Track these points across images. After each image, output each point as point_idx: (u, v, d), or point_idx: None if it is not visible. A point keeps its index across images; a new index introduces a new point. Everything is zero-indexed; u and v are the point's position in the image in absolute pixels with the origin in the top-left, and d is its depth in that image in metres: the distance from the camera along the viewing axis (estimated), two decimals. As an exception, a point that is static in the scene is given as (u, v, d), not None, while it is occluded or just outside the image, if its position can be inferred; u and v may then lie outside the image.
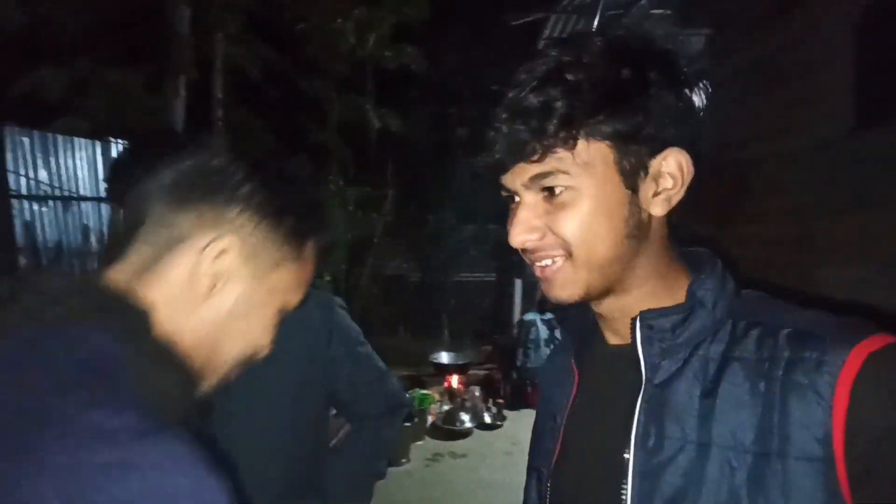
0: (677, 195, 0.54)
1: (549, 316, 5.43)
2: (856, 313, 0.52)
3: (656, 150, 0.53)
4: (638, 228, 0.54)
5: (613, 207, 0.53)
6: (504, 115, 0.52)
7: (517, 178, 0.54)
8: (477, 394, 4.81)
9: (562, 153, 0.52)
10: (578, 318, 0.65)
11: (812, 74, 2.82)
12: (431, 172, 7.50)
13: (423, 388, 4.97)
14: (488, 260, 8.09)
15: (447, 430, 4.46)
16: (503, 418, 4.77)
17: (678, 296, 0.56)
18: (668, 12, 4.02)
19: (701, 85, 0.55)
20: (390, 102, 5.51)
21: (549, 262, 0.57)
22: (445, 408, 4.70)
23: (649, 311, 0.55)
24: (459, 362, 5.60)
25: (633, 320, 0.56)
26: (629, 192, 0.53)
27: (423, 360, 5.72)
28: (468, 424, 4.53)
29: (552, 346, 5.13)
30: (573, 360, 0.65)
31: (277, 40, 4.74)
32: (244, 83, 4.71)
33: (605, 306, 0.59)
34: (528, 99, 0.51)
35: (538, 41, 4.84)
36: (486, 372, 5.71)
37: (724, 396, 0.51)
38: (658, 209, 0.54)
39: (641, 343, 0.55)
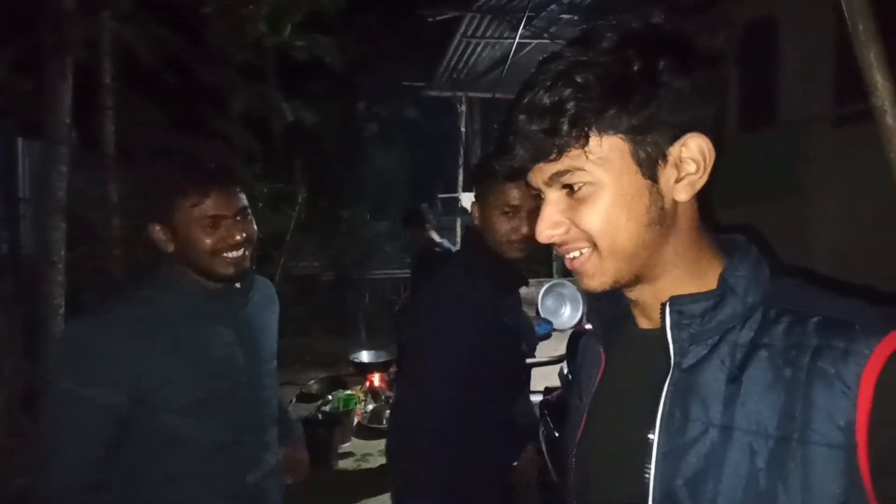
0: (701, 180, 0.55)
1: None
2: None
3: (674, 136, 0.54)
4: (661, 216, 0.55)
5: (633, 198, 0.54)
6: (520, 117, 0.54)
7: (538, 176, 0.57)
8: (401, 390, 4.79)
9: (577, 151, 0.53)
10: (610, 305, 0.66)
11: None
12: (343, 168, 7.31)
13: (345, 388, 4.85)
14: (403, 256, 8.07)
15: (374, 429, 4.39)
16: (428, 413, 4.80)
17: (710, 281, 0.56)
18: (576, 17, 4.25)
19: (715, 66, 0.54)
20: (299, 94, 5.28)
21: (576, 254, 0.58)
22: (370, 407, 4.63)
23: (680, 296, 0.55)
24: (381, 360, 5.52)
25: (663, 305, 0.56)
26: (649, 181, 0.54)
27: (341, 361, 5.57)
28: (394, 422, 4.51)
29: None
30: (601, 345, 0.66)
31: (176, 22, 4.34)
32: (138, 68, 4.26)
33: (637, 292, 0.60)
34: (541, 100, 0.53)
35: (454, 38, 4.89)
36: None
37: (750, 382, 0.52)
38: (682, 195, 0.55)
39: (671, 328, 0.55)
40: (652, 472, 0.54)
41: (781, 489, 0.48)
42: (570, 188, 0.56)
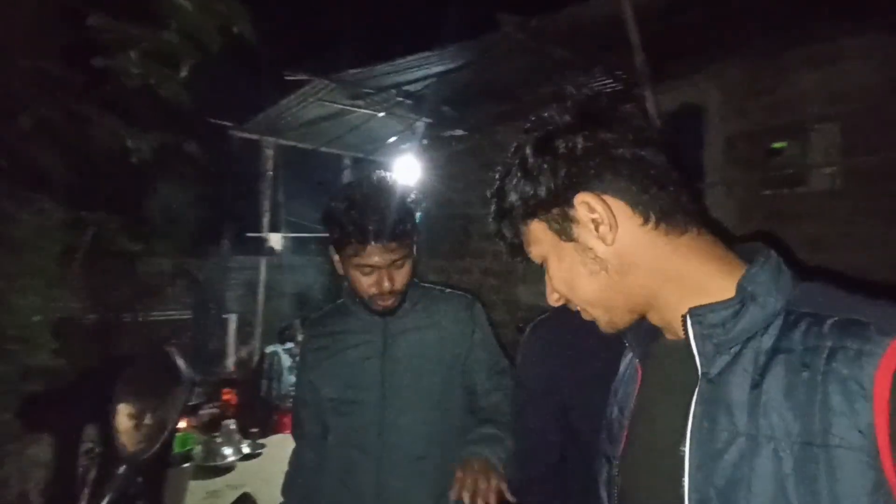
0: (613, 225, 0.60)
1: (289, 345, 5.79)
2: None
3: (567, 202, 0.61)
4: (601, 263, 0.61)
5: (568, 261, 0.63)
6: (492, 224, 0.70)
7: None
8: (232, 427, 4.74)
9: (525, 238, 0.67)
10: (640, 324, 0.67)
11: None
12: (133, 197, 6.59)
13: (165, 433, 4.52)
14: (182, 296, 7.51)
15: (211, 467, 4.27)
16: (262, 446, 4.84)
17: (730, 290, 0.56)
18: (408, 101, 5.23)
19: (566, 138, 0.61)
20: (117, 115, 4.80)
21: (577, 309, 0.67)
22: (199, 447, 4.45)
23: (699, 307, 0.56)
24: (190, 403, 5.24)
25: (684, 317, 0.57)
26: (571, 243, 0.62)
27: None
28: (231, 458, 4.44)
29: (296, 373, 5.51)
30: (636, 358, 0.69)
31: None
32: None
33: (652, 319, 0.64)
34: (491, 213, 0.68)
35: (291, 94, 5.34)
36: (214, 409, 5.52)
37: (771, 388, 0.51)
38: (608, 239, 0.60)
39: (695, 339, 0.56)
40: (686, 484, 0.54)
41: (810, 494, 0.47)
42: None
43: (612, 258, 0.61)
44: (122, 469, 0.83)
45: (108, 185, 6.33)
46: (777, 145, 2.91)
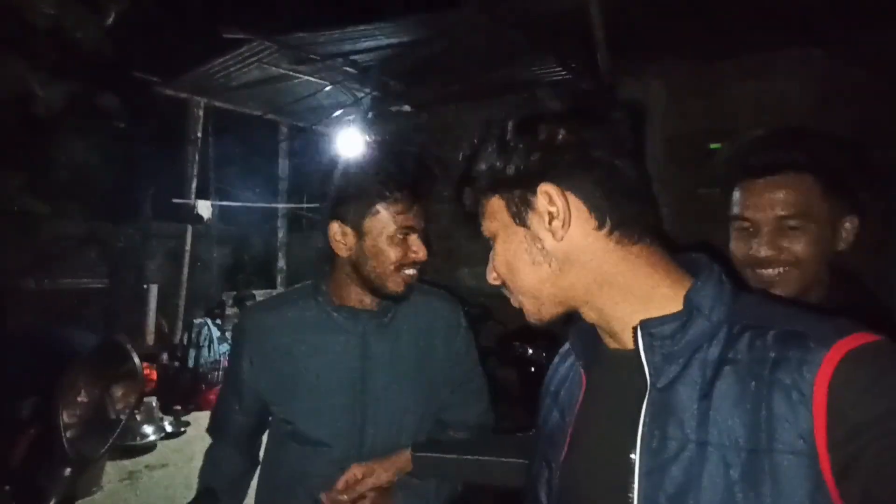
0: (567, 221, 0.60)
1: (219, 322, 5.53)
2: (851, 316, 0.54)
3: (530, 188, 0.61)
4: (545, 256, 0.62)
5: (515, 244, 0.63)
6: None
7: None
8: (154, 404, 4.49)
9: (481, 210, 0.67)
10: (582, 326, 0.68)
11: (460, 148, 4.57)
12: (37, 153, 5.94)
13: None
14: (98, 263, 6.91)
15: (128, 447, 4.03)
16: (185, 424, 4.62)
17: (676, 302, 0.58)
18: (354, 71, 5.04)
19: (549, 125, 0.61)
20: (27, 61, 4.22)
21: (508, 294, 0.68)
22: (115, 426, 4.18)
23: (649, 319, 0.58)
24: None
25: (635, 329, 0.58)
26: (523, 228, 0.63)
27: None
28: (152, 437, 4.21)
29: (229, 344, 5.28)
30: (580, 364, 0.69)
31: None
32: None
33: (589, 318, 0.65)
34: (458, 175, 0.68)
35: (227, 53, 5.01)
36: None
37: (719, 397, 0.53)
38: (558, 235, 0.60)
39: (644, 350, 0.58)
40: (635, 490, 0.55)
41: (755, 499, 0.50)
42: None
43: (558, 253, 0.61)
44: (67, 471, 0.75)
45: (10, 137, 5.67)
46: (714, 146, 3.09)
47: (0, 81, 5.49)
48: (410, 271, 1.08)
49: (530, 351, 3.01)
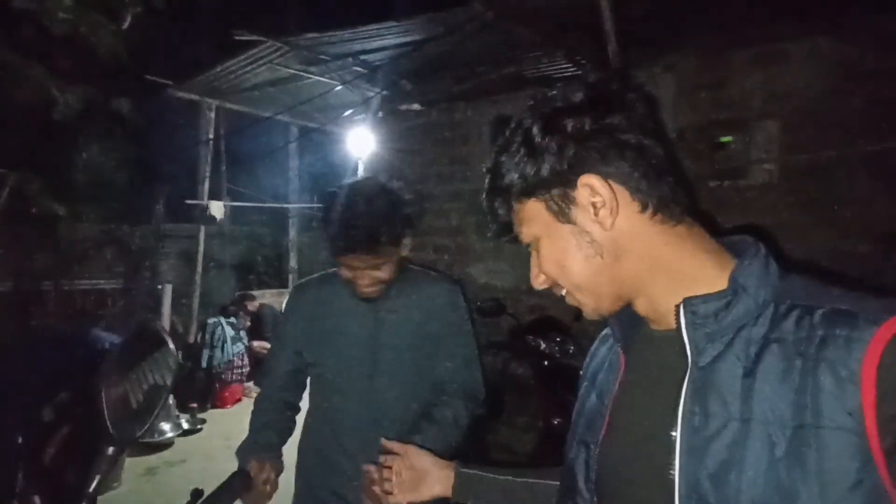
0: (614, 209, 0.60)
1: (232, 320, 5.59)
2: None
3: (569, 183, 0.61)
4: (596, 248, 0.62)
5: (563, 242, 0.63)
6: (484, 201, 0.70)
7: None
8: (170, 402, 4.55)
9: (517, 217, 0.66)
10: (626, 309, 0.68)
11: (470, 145, 4.56)
12: (59, 157, 6.05)
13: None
14: (115, 264, 7.02)
15: (147, 443, 4.10)
16: (202, 421, 4.69)
17: (721, 282, 0.58)
18: (364, 71, 5.09)
19: (575, 118, 0.61)
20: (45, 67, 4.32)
21: (563, 293, 0.68)
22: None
23: (693, 297, 0.58)
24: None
25: (678, 307, 0.58)
26: (568, 224, 0.63)
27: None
28: (169, 434, 4.28)
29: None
30: (620, 347, 0.69)
31: None
32: None
33: (639, 307, 0.65)
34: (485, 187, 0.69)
35: (239, 56, 5.07)
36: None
37: (764, 375, 0.53)
38: (607, 224, 0.61)
39: (686, 328, 0.57)
40: (676, 468, 0.55)
41: (800, 475, 0.49)
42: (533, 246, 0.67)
43: (608, 243, 0.61)
44: (110, 450, 0.79)
45: (30, 141, 5.78)
46: (724, 139, 3.08)
47: (20, 87, 5.62)
48: (365, 293, 1.37)
49: (543, 345, 3.02)
